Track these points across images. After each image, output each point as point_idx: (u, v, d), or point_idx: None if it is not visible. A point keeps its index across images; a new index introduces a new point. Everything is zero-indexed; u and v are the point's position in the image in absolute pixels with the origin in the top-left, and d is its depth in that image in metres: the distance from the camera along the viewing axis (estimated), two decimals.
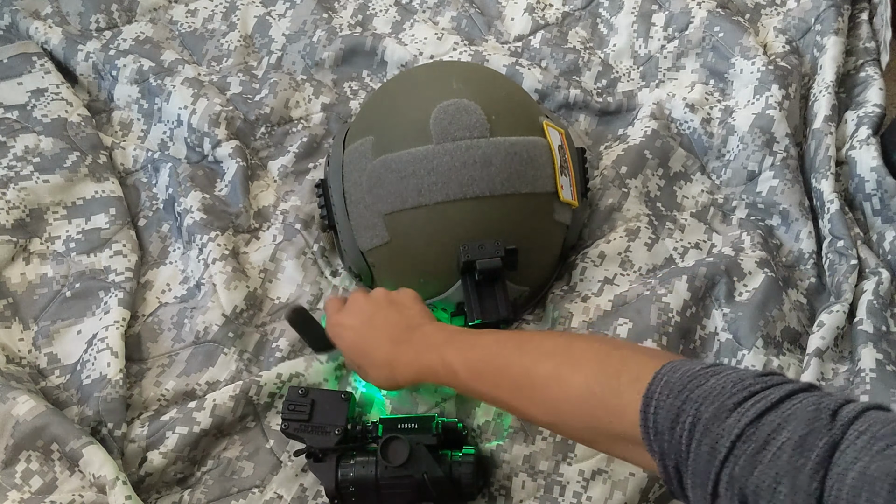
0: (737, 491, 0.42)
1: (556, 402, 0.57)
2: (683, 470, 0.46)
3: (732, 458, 0.43)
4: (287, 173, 0.94)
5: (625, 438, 0.51)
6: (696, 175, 0.93)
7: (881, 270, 0.83)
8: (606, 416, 0.52)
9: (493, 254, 0.74)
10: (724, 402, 0.45)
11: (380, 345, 0.69)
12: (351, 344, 0.72)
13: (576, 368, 0.56)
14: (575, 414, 0.55)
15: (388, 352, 0.69)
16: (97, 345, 0.80)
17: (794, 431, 0.41)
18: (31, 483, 0.71)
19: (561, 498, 0.72)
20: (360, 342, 0.71)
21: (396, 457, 0.68)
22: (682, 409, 0.46)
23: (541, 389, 0.58)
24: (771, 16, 1.05)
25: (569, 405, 0.56)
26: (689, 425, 0.46)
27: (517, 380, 0.60)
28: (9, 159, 0.90)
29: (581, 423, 0.55)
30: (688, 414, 0.46)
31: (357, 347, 0.71)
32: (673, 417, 0.47)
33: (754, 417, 0.43)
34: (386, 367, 0.68)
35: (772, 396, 0.44)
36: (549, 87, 0.97)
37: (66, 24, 1.03)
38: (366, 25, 1.06)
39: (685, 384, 0.48)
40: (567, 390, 0.56)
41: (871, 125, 0.91)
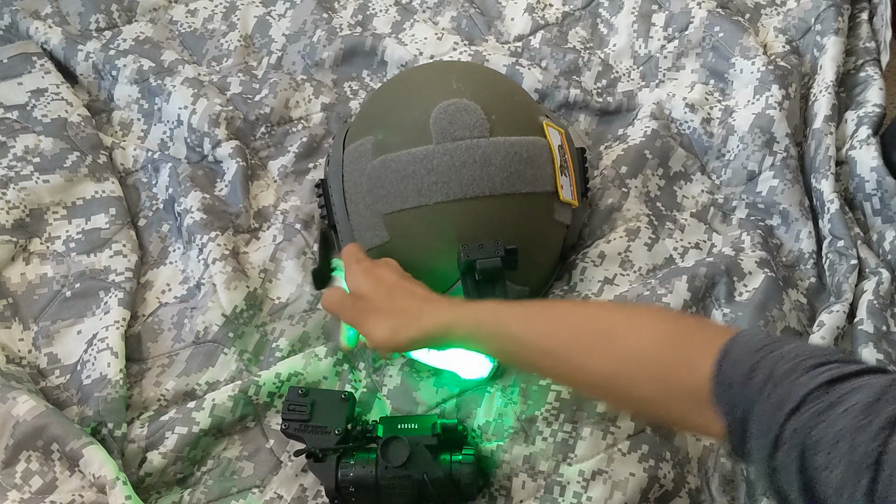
0: (797, 443, 0.43)
1: (624, 350, 0.56)
2: (749, 422, 0.47)
3: (800, 412, 0.43)
4: (287, 173, 0.94)
5: (690, 395, 0.51)
6: (696, 175, 0.93)
7: (881, 270, 0.83)
8: (679, 368, 0.52)
9: (493, 254, 0.73)
10: (801, 362, 0.46)
11: (405, 293, 0.67)
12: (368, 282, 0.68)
13: (650, 320, 0.57)
14: (645, 364, 0.55)
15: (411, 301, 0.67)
16: (97, 345, 0.80)
17: (864, 397, 0.42)
18: (31, 483, 0.71)
19: (561, 498, 0.72)
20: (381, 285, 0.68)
21: (396, 457, 0.68)
22: (758, 363, 0.48)
23: (607, 337, 0.57)
24: (771, 16, 1.05)
25: (640, 354, 0.55)
26: (764, 377, 0.47)
27: (579, 328, 0.59)
28: (9, 159, 0.90)
29: (648, 376, 0.55)
30: (763, 368, 0.47)
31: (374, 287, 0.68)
32: (748, 370, 0.48)
33: (827, 381, 0.44)
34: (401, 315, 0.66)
35: (847, 369, 0.45)
36: (549, 87, 0.97)
37: (66, 24, 1.03)
38: (366, 25, 1.06)
39: (763, 345, 0.49)
40: (640, 339, 0.56)
41: (871, 125, 0.91)
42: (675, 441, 0.76)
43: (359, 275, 0.69)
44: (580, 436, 0.74)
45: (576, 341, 0.59)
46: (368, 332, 0.67)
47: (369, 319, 0.67)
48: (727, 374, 0.49)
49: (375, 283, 0.68)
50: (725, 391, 0.49)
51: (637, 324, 0.57)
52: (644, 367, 0.55)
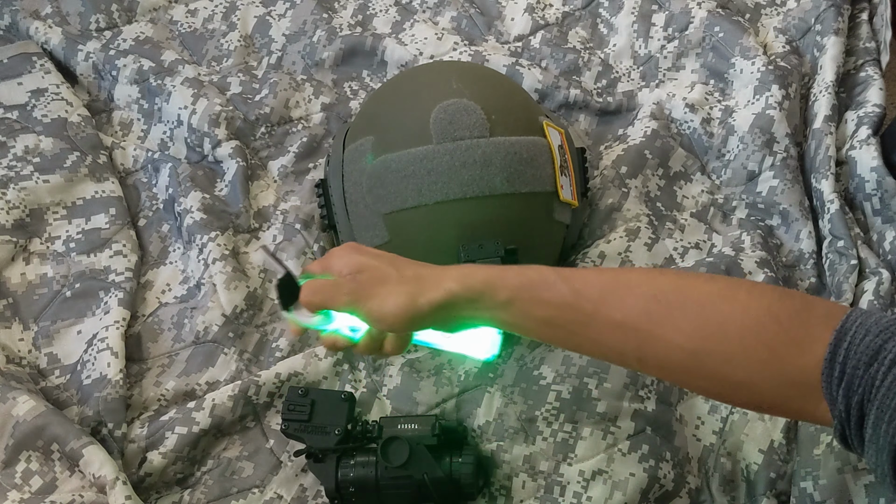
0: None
1: (721, 324, 0.49)
2: (869, 407, 0.44)
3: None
4: (287, 173, 0.94)
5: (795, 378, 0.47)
6: (696, 175, 0.93)
7: (881, 270, 0.83)
8: (788, 348, 0.47)
9: (493, 254, 0.74)
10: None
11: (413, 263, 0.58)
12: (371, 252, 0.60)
13: (753, 293, 0.50)
14: (745, 341, 0.48)
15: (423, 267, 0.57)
16: (97, 345, 0.80)
17: None
18: (31, 483, 0.71)
19: (561, 498, 0.72)
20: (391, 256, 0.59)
21: (396, 457, 0.68)
22: (882, 347, 0.44)
23: (699, 308, 0.49)
24: (771, 16, 1.05)
25: (741, 330, 0.48)
26: (890, 362, 0.43)
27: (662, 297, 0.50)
28: (9, 159, 0.90)
29: (748, 356, 0.48)
30: (889, 351, 0.44)
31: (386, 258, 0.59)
32: (872, 354, 0.44)
33: None
34: (427, 278, 0.56)
35: None
36: (549, 87, 0.97)
37: (66, 24, 1.03)
38: (366, 25, 1.06)
39: (885, 326, 0.45)
40: (742, 313, 0.49)
41: (871, 125, 0.91)
42: (675, 441, 0.76)
43: (348, 251, 0.60)
44: (580, 436, 0.74)
45: (657, 311, 0.50)
46: (377, 306, 0.56)
47: (377, 292, 0.56)
48: (844, 357, 0.45)
49: (374, 255, 0.59)
50: (842, 375, 0.45)
51: (738, 295, 0.50)
52: (745, 344, 0.48)
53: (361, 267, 0.58)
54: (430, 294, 0.55)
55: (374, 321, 0.58)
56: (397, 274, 0.57)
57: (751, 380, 0.49)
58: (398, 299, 0.55)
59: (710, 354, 0.49)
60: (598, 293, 0.52)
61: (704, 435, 0.77)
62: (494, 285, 0.54)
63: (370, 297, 0.56)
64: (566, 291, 0.53)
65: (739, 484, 0.75)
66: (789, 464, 0.74)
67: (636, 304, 0.51)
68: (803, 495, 0.72)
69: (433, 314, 0.55)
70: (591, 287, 0.53)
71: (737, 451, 0.76)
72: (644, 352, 0.52)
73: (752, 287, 0.51)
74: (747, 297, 0.50)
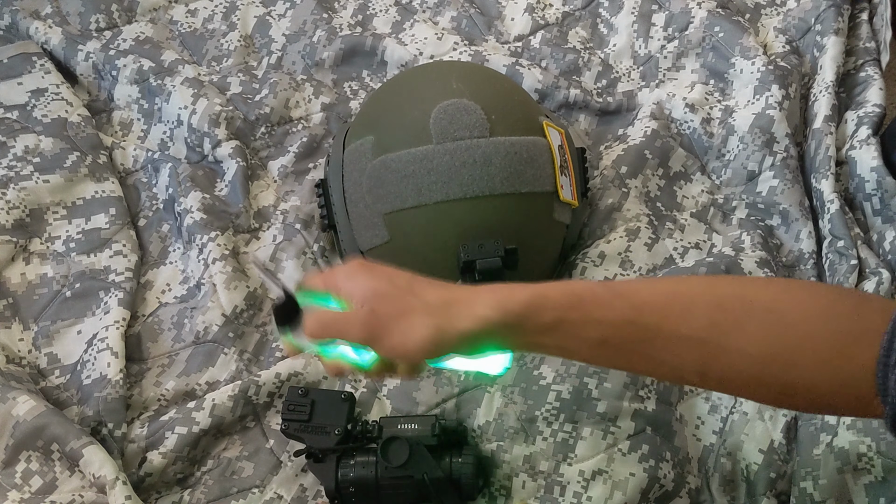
0: None
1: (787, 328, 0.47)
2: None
3: None
4: (287, 173, 0.94)
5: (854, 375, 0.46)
6: (696, 175, 0.93)
7: (881, 270, 0.83)
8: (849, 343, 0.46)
9: (493, 254, 0.74)
10: None
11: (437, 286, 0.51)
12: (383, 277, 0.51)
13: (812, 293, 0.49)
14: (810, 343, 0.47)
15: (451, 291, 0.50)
16: (97, 345, 0.80)
17: None
18: (31, 483, 0.71)
19: (561, 498, 0.72)
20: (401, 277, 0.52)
21: (396, 457, 0.68)
22: None
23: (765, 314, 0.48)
24: (771, 16, 1.05)
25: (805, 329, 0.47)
26: None
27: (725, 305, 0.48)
28: (9, 159, 0.90)
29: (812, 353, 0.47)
30: None
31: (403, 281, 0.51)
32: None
33: None
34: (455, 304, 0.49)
35: None
36: (549, 87, 0.97)
37: (66, 24, 1.03)
38: (366, 25, 1.06)
39: None
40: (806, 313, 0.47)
41: (871, 125, 0.91)
42: (675, 441, 0.76)
43: (359, 272, 0.52)
44: (580, 436, 0.74)
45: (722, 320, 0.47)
46: (400, 342, 0.49)
47: (398, 326, 0.49)
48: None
49: (387, 277, 0.51)
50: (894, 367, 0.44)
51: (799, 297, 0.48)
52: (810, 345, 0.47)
53: (377, 294, 0.50)
54: (461, 324, 0.49)
55: (394, 357, 0.51)
56: (420, 302, 0.50)
57: (813, 380, 0.47)
58: (424, 332, 0.48)
59: (777, 359, 0.48)
60: (660, 306, 0.49)
61: (704, 435, 0.77)
62: (538, 307, 0.49)
63: (390, 332, 0.49)
64: (625, 308, 0.49)
65: (739, 484, 0.75)
66: (789, 464, 0.74)
67: (702, 316, 0.48)
68: (803, 495, 0.72)
69: (464, 345, 0.49)
70: (650, 300, 0.49)
71: (737, 451, 0.76)
72: (708, 365, 0.49)
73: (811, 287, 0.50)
74: (809, 297, 0.49)
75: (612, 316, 0.48)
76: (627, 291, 0.50)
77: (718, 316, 0.48)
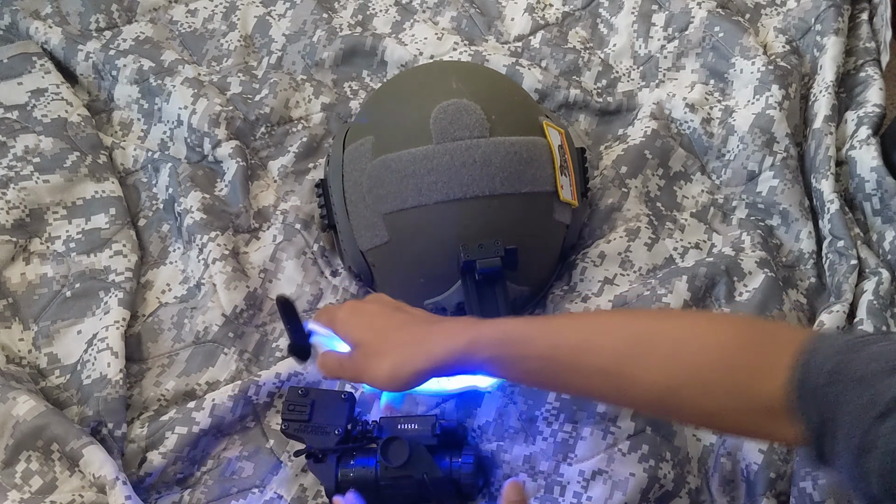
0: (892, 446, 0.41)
1: (690, 359, 0.51)
2: (831, 425, 0.44)
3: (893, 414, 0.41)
4: (287, 173, 0.94)
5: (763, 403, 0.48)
6: (696, 175, 0.93)
7: (881, 270, 0.83)
8: (754, 374, 0.49)
9: (493, 254, 0.74)
10: (888, 363, 0.44)
11: (407, 324, 0.61)
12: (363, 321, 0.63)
13: (717, 326, 0.52)
14: (714, 373, 0.50)
15: (417, 330, 0.60)
16: (97, 345, 0.80)
17: None
18: (31, 483, 0.71)
19: (561, 498, 0.72)
20: (379, 320, 0.62)
21: (396, 457, 0.68)
22: (841, 365, 0.45)
23: (670, 346, 0.52)
24: (771, 16, 1.05)
25: (708, 363, 0.50)
26: (848, 380, 0.44)
27: (633, 339, 0.53)
28: (9, 159, 0.90)
29: (717, 386, 0.50)
30: (847, 370, 0.45)
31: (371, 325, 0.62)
32: (831, 373, 0.45)
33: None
34: (407, 348, 0.59)
35: None
36: (549, 87, 0.97)
37: (66, 24, 1.03)
38: (366, 25, 1.06)
39: (847, 346, 0.46)
40: (708, 346, 0.51)
41: (871, 125, 0.91)
42: (675, 441, 0.76)
43: (347, 322, 0.64)
44: (580, 436, 0.74)
45: (629, 353, 0.53)
46: (370, 379, 0.61)
47: (369, 366, 0.60)
48: (809, 376, 0.46)
49: (367, 324, 0.63)
50: (807, 394, 0.46)
51: (704, 330, 0.52)
52: (714, 375, 0.51)
53: (362, 341, 0.62)
54: (413, 363, 0.58)
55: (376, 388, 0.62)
56: (389, 345, 0.60)
57: (723, 408, 0.51)
58: (383, 371, 0.59)
59: (685, 387, 0.51)
60: (574, 342, 0.55)
61: (704, 435, 0.77)
62: (475, 345, 0.57)
63: (368, 371, 0.61)
64: (544, 346, 0.55)
65: (739, 484, 0.75)
66: (789, 464, 0.74)
67: (614, 349, 0.54)
68: (803, 495, 0.72)
69: (420, 377, 0.59)
70: (567, 337, 0.55)
71: (737, 451, 0.76)
72: (623, 392, 0.55)
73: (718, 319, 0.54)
74: (714, 329, 0.52)
75: (534, 353, 0.55)
76: (549, 330, 0.56)
77: (626, 350, 0.53)
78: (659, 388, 0.52)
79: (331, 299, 0.86)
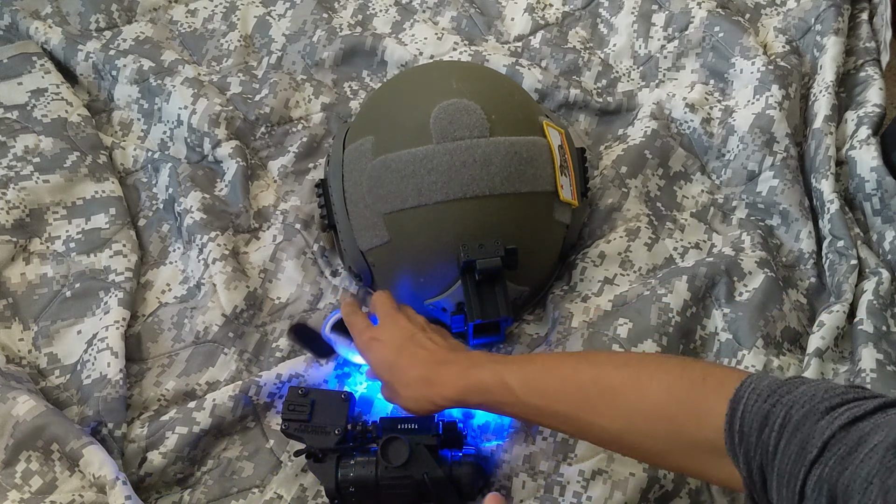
0: (825, 492, 0.41)
1: (631, 408, 0.56)
2: (769, 472, 0.46)
3: (823, 460, 0.42)
4: (287, 173, 0.94)
5: (703, 447, 0.51)
6: (696, 175, 0.93)
7: (881, 270, 0.83)
8: (689, 422, 0.52)
9: (493, 254, 0.74)
10: (816, 406, 0.45)
11: (419, 362, 0.67)
12: (384, 358, 0.69)
13: (655, 375, 0.56)
14: (653, 421, 0.54)
15: (428, 369, 0.66)
16: (97, 345, 0.80)
17: (887, 436, 0.41)
18: (31, 483, 0.71)
19: (561, 498, 0.72)
20: (396, 357, 0.68)
21: (396, 457, 0.68)
22: (771, 411, 0.47)
23: (612, 397, 0.57)
24: (771, 16, 1.05)
25: (646, 411, 0.55)
26: (779, 426, 0.46)
27: (584, 389, 0.58)
28: (9, 159, 0.90)
29: (658, 432, 0.54)
30: (777, 416, 0.46)
31: (391, 362, 0.69)
32: (762, 419, 0.47)
33: (846, 423, 0.43)
34: (423, 385, 0.66)
35: (865, 406, 0.43)
36: (549, 87, 0.97)
37: (66, 24, 1.03)
38: (366, 25, 1.06)
39: (774, 390, 0.48)
40: (646, 396, 0.55)
41: (871, 125, 0.91)
42: None
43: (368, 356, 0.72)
44: None
45: (584, 403, 0.58)
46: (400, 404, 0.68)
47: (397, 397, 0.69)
48: (739, 425, 0.48)
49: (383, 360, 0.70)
50: (740, 443, 0.48)
51: (646, 378, 0.56)
52: (653, 423, 0.54)
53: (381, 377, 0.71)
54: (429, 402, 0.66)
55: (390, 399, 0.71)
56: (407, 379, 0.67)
57: (668, 451, 0.55)
58: (412, 398, 0.67)
59: (629, 434, 0.57)
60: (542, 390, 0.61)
61: None
62: (468, 391, 0.64)
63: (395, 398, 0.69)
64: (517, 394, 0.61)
65: None
66: None
67: (571, 397, 0.59)
68: None
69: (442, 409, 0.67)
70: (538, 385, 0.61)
71: None
72: (582, 433, 0.62)
73: (655, 369, 0.57)
74: (649, 380, 0.56)
75: (511, 400, 0.62)
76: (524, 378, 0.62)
77: (580, 398, 0.59)
78: (609, 434, 0.58)
79: (331, 299, 0.86)
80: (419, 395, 0.66)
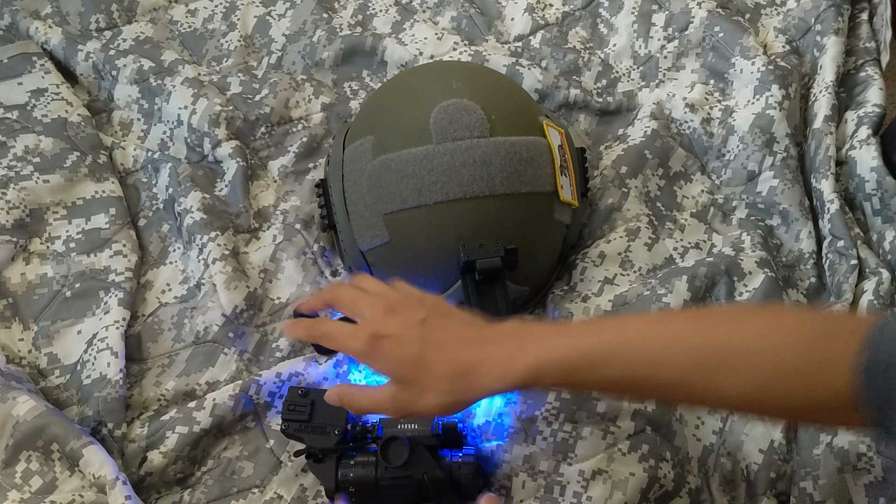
0: None
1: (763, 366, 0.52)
2: None
3: None
4: (287, 173, 0.94)
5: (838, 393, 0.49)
6: (696, 175, 0.93)
7: (881, 270, 0.83)
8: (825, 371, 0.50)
9: (493, 254, 0.74)
10: None
11: (450, 352, 0.58)
12: (403, 355, 0.58)
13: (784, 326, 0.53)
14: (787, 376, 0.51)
15: (466, 358, 0.57)
16: (97, 345, 0.80)
17: None
18: (31, 483, 0.71)
19: (561, 498, 0.72)
20: (421, 349, 0.58)
21: (396, 457, 0.68)
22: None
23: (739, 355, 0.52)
24: (771, 16, 1.05)
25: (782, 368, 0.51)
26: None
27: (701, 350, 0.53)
28: (9, 159, 0.90)
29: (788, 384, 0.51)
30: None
31: (413, 358, 0.58)
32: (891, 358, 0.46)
33: None
34: (460, 379, 0.57)
35: None
36: (549, 87, 0.97)
37: (66, 24, 1.03)
38: (366, 25, 1.06)
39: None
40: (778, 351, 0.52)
41: (871, 125, 0.91)
42: (675, 441, 0.76)
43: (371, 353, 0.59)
44: (580, 436, 0.74)
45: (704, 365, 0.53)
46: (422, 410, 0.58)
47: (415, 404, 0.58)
48: (879, 359, 0.47)
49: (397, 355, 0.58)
50: (878, 376, 0.47)
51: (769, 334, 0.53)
52: (787, 379, 0.51)
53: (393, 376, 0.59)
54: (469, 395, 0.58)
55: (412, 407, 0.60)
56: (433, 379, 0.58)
57: (801, 406, 0.52)
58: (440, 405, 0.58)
59: (759, 394, 0.53)
60: (648, 358, 0.54)
61: (704, 435, 0.77)
62: (539, 376, 0.55)
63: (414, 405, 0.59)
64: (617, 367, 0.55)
65: (739, 484, 0.75)
66: (789, 464, 0.74)
67: (686, 362, 0.53)
68: (803, 495, 0.72)
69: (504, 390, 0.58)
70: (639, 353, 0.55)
71: (737, 451, 0.76)
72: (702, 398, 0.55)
73: (780, 319, 0.54)
74: (778, 331, 0.53)
75: (608, 375, 0.55)
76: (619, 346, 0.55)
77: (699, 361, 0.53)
78: (735, 396, 0.53)
79: None
80: (450, 400, 0.57)
